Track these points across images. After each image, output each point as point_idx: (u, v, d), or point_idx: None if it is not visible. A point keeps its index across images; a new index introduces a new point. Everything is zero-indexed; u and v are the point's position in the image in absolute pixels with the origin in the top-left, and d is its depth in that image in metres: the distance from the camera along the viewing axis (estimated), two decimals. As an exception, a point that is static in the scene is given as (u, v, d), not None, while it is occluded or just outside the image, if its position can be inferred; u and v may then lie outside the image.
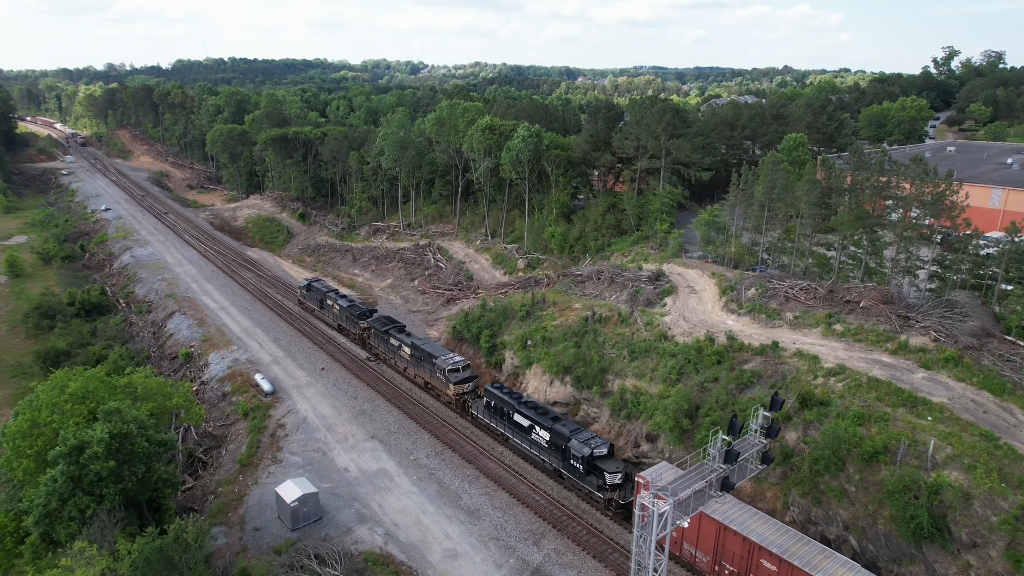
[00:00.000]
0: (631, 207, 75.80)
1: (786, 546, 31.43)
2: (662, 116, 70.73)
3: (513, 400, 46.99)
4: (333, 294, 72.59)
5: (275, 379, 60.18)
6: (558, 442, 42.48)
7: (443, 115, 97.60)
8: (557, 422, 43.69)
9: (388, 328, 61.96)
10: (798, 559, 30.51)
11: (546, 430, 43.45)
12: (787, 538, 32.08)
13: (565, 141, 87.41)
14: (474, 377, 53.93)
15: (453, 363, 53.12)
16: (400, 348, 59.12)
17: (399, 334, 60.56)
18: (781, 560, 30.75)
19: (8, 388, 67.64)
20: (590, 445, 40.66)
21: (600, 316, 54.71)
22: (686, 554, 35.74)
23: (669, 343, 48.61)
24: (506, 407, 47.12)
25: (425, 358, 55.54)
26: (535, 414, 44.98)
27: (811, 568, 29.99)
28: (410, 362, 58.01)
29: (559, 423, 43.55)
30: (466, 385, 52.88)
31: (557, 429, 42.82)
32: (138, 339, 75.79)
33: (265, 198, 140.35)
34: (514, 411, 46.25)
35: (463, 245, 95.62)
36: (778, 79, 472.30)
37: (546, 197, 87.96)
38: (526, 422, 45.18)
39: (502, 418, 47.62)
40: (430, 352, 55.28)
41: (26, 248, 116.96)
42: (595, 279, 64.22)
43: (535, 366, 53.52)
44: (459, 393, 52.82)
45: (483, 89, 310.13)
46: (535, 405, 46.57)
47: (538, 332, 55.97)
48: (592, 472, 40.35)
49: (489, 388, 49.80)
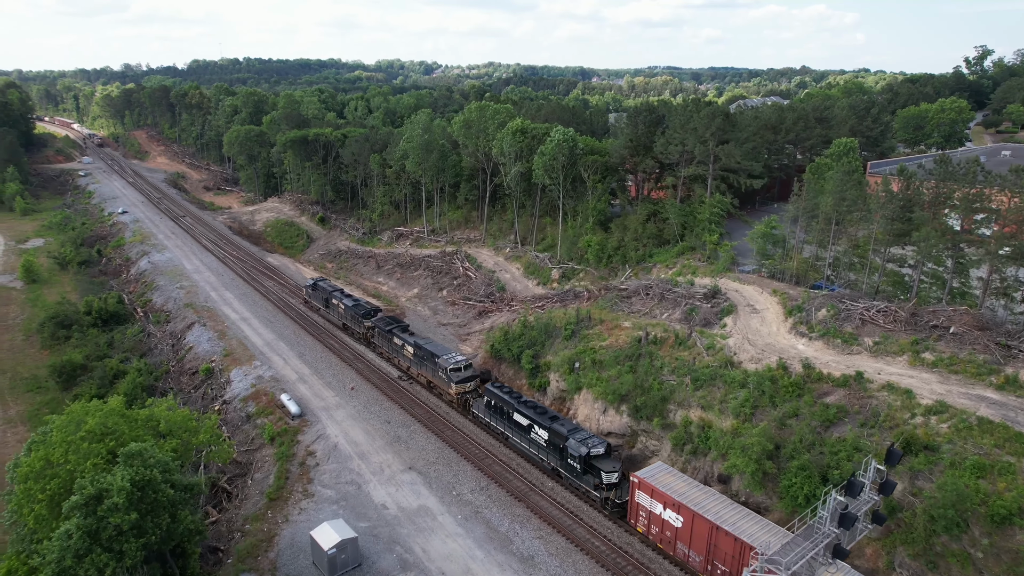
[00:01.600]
0: (675, 216, 71.47)
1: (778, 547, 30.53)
2: (711, 120, 66.29)
3: (513, 399, 47.35)
4: (338, 293, 73.27)
5: (302, 399, 56.47)
6: (556, 441, 42.86)
7: (471, 117, 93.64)
8: (555, 421, 44.05)
9: (392, 328, 62.35)
10: None
11: (544, 429, 43.85)
12: (779, 539, 31.48)
13: (601, 145, 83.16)
14: (475, 376, 54.45)
15: (455, 362, 53.64)
16: (403, 347, 59.57)
17: (402, 333, 60.91)
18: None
19: (23, 403, 64.47)
20: (587, 445, 41.11)
21: (654, 337, 50.46)
22: (680, 553, 36.04)
23: (736, 370, 44.30)
24: (506, 406, 47.56)
25: (428, 357, 56.09)
26: (534, 413, 45.37)
27: None
28: (413, 361, 58.57)
29: (557, 422, 43.83)
30: (467, 384, 53.47)
31: (555, 428, 43.16)
32: (156, 351, 72.44)
33: (284, 201, 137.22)
34: (514, 410, 46.70)
35: (491, 253, 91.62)
36: (796, 79, 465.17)
37: (580, 203, 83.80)
38: (525, 421, 45.57)
39: (502, 417, 48.09)
40: (432, 351, 55.87)
41: (43, 252, 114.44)
42: (643, 294, 59.97)
43: (585, 391, 49.38)
44: (461, 392, 53.35)
45: (499, 89, 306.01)
46: (534, 405, 46.83)
47: (586, 354, 51.81)
48: (589, 471, 40.85)
49: (489, 387, 50.36)
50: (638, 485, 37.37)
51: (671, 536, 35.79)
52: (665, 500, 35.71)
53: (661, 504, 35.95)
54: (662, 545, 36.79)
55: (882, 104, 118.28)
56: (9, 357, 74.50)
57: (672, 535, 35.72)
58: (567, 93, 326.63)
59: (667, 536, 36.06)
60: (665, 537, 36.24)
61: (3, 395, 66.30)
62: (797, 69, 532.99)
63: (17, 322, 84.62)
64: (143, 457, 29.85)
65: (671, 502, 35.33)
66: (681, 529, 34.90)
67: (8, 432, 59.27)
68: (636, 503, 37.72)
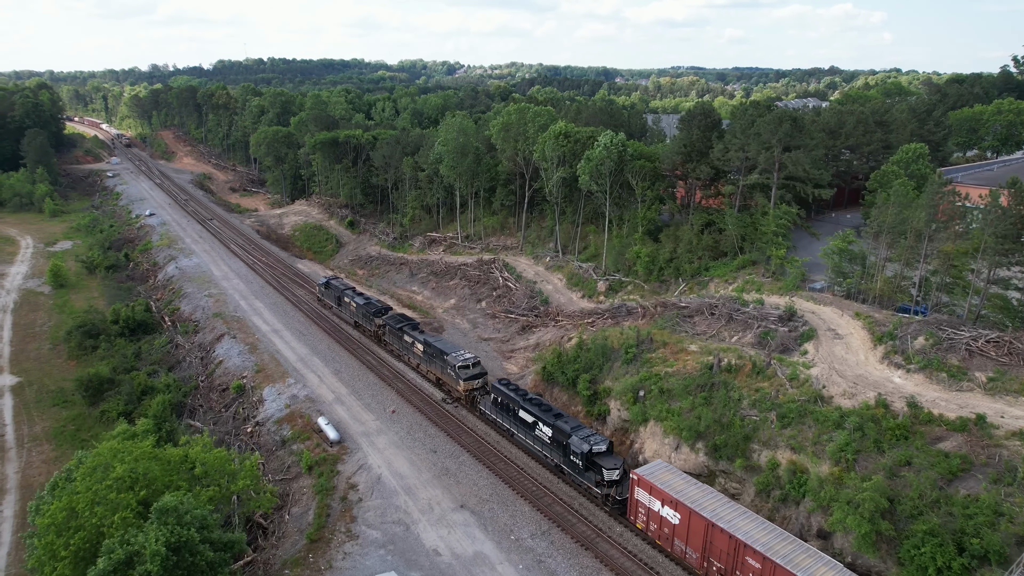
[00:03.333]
0: (734, 226, 66.60)
1: (770, 544, 31.78)
2: (778, 126, 61.35)
3: (519, 397, 47.91)
4: (350, 292, 74.47)
5: (340, 423, 52.71)
6: (559, 438, 43.32)
7: (510, 120, 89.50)
8: (559, 419, 44.58)
9: (402, 325, 63.28)
10: (781, 557, 30.71)
11: (548, 426, 44.32)
12: (772, 536, 32.48)
13: (651, 150, 78.55)
14: (484, 374, 55.00)
15: (463, 360, 54.41)
16: (413, 345, 60.42)
17: (412, 331, 61.69)
18: (765, 558, 31.03)
19: (48, 419, 61.64)
20: (589, 442, 41.43)
21: (728, 364, 45.81)
22: (677, 550, 36.19)
23: (828, 407, 39.51)
24: (512, 404, 47.97)
25: (437, 355, 56.74)
26: (539, 411, 45.88)
27: (793, 566, 30.10)
28: (423, 359, 59.23)
29: (561, 420, 44.42)
30: (476, 382, 54.05)
31: (559, 425, 43.65)
32: (185, 364, 69.33)
33: (312, 204, 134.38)
34: (519, 407, 47.12)
35: (531, 262, 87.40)
36: (826, 80, 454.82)
37: (627, 211, 79.25)
38: (530, 418, 46.06)
39: (508, 414, 48.64)
40: (441, 349, 56.53)
41: (71, 255, 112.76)
42: (707, 314, 55.32)
43: (653, 424, 44.88)
44: (469, 389, 53.87)
45: (524, 89, 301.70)
46: (539, 402, 47.24)
47: (651, 381, 47.31)
48: (591, 468, 41.26)
49: (496, 384, 50.85)
50: (638, 482, 37.75)
51: (669, 533, 36.22)
52: (663, 497, 36.12)
53: (659, 501, 36.42)
54: (660, 542, 37.21)
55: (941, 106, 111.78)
56: (36, 368, 71.98)
57: (670, 532, 36.13)
58: (592, 93, 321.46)
59: (665, 533, 36.47)
60: (663, 534, 36.69)
61: (29, 409, 63.61)
62: (825, 69, 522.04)
63: (44, 330, 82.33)
64: (179, 513, 26.12)
65: (669, 499, 35.73)
66: (678, 526, 35.32)
67: (33, 451, 56.39)
68: (636, 500, 38.22)
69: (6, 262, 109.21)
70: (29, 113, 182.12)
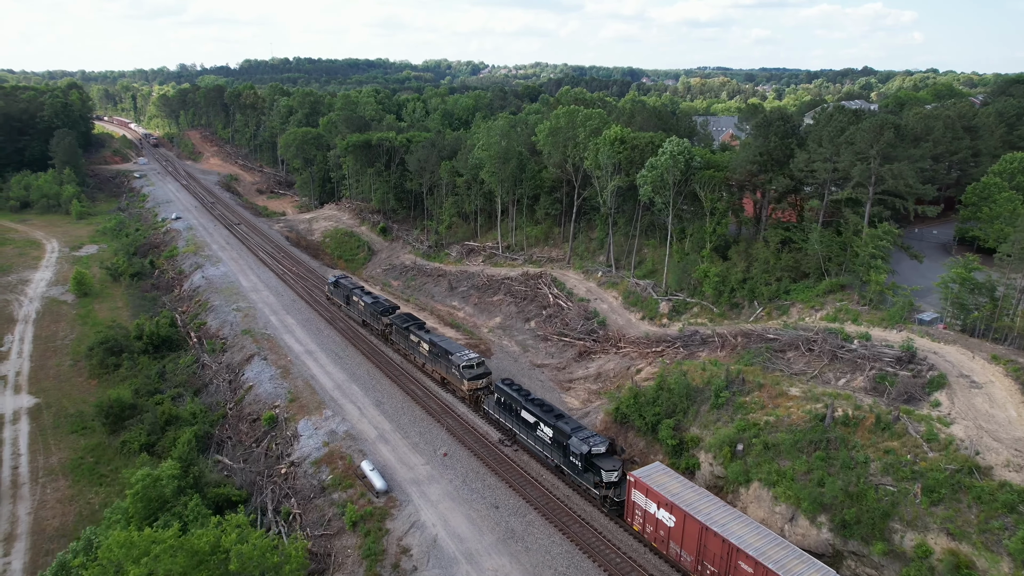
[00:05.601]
0: (820, 245, 59.44)
1: (763, 549, 31.34)
2: (878, 134, 54.02)
3: (521, 397, 47.99)
4: (359, 291, 74.73)
5: (386, 466, 46.70)
6: (560, 439, 43.53)
7: (559, 123, 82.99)
8: (560, 420, 44.75)
9: (408, 325, 63.43)
10: (773, 562, 30.38)
11: (549, 427, 44.48)
12: (765, 541, 32.01)
13: (719, 158, 71.54)
14: (488, 374, 55.23)
15: (468, 360, 54.89)
16: (419, 344, 60.78)
17: (418, 331, 61.91)
18: (757, 562, 30.69)
19: (65, 448, 56.57)
20: (589, 443, 41.49)
21: (844, 416, 38.87)
22: (672, 553, 36.03)
23: (989, 481, 32.43)
24: (514, 404, 48.09)
25: (442, 354, 57.17)
26: (540, 411, 46.00)
27: (785, 571, 29.72)
28: (428, 358, 59.60)
29: (562, 420, 44.56)
30: (479, 381, 54.31)
31: (559, 426, 43.81)
32: (212, 388, 63.96)
33: (342, 208, 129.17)
34: (521, 408, 47.26)
35: (580, 277, 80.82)
36: (861, 81, 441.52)
37: (690, 225, 72.36)
38: (532, 419, 46.20)
39: (510, 414, 48.73)
40: (447, 349, 57.08)
41: (95, 261, 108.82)
42: (803, 349, 48.29)
43: (758, 486, 38.10)
44: (473, 389, 54.14)
45: (552, 90, 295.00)
46: (541, 403, 47.43)
47: (750, 432, 40.54)
48: (590, 469, 41.30)
49: (499, 384, 51.03)
50: (634, 484, 37.60)
51: (664, 535, 36.12)
52: (659, 500, 35.97)
53: (655, 504, 36.23)
54: (656, 544, 36.94)
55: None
56: (55, 387, 67.25)
57: (665, 534, 36.03)
58: (621, 94, 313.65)
59: (660, 535, 36.36)
60: (659, 536, 36.54)
61: (46, 435, 58.69)
62: (859, 70, 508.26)
63: (66, 343, 77.81)
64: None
65: (664, 502, 35.60)
66: (673, 529, 35.29)
67: (48, 487, 51.24)
68: (632, 502, 37.98)
69: (31, 267, 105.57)
70: (58, 113, 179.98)
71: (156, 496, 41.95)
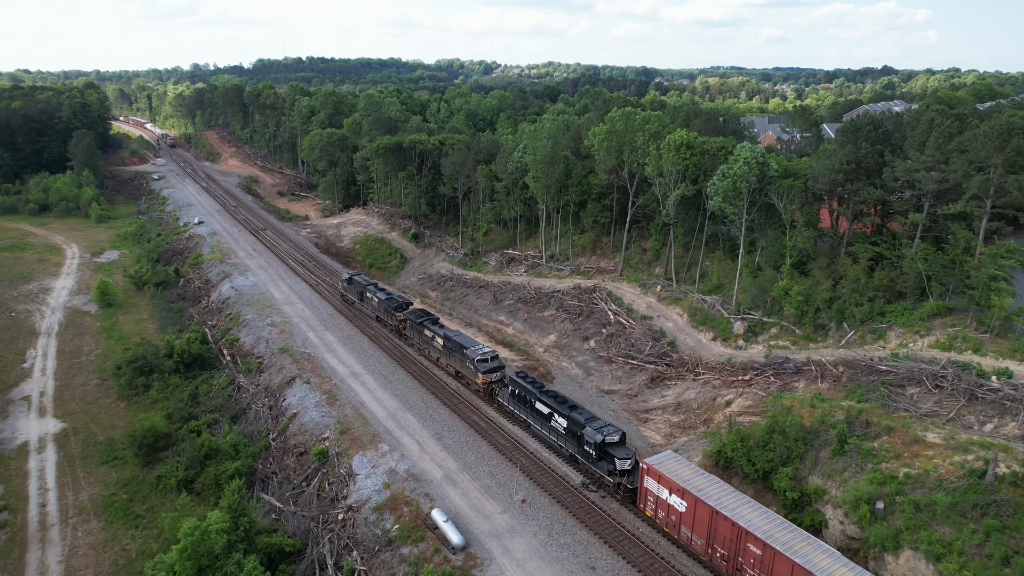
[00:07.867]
0: (923, 263, 53.78)
1: (771, 532, 32.33)
2: (1004, 141, 48.28)
3: (535, 389, 49.10)
4: (372, 287, 75.23)
5: (459, 515, 41.53)
6: (574, 429, 44.55)
7: (616, 127, 77.57)
8: (574, 410, 45.63)
9: (423, 320, 64.35)
10: (781, 544, 31.31)
11: (564, 417, 45.56)
12: (773, 524, 33.09)
13: (798, 166, 65.96)
14: (501, 367, 56.11)
15: (482, 354, 55.58)
16: (433, 339, 61.73)
17: (432, 326, 62.88)
18: (765, 544, 31.63)
19: (96, 482, 51.76)
20: (603, 432, 42.55)
21: (1013, 474, 33.31)
22: (683, 537, 36.84)
23: None
24: (529, 395, 49.19)
25: (456, 348, 57.94)
26: (554, 402, 46.88)
27: (791, 552, 30.69)
28: (442, 352, 60.49)
29: (576, 411, 45.50)
30: (494, 375, 55.19)
31: (573, 417, 44.80)
32: (250, 414, 59.03)
33: (370, 213, 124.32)
34: (536, 399, 48.31)
35: (637, 291, 75.43)
36: (882, 80, 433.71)
37: (763, 237, 66.86)
38: (546, 410, 47.20)
39: (525, 406, 49.80)
40: (461, 343, 57.75)
41: (118, 268, 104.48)
42: (928, 385, 42.73)
43: (911, 555, 32.56)
44: (487, 382, 55.01)
45: (571, 90, 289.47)
46: (555, 394, 48.22)
47: (890, 487, 35.06)
48: (604, 458, 42.24)
49: (514, 377, 51.90)
50: (647, 471, 38.58)
51: (676, 520, 37.07)
52: (671, 486, 36.93)
53: (667, 490, 37.22)
54: (668, 529, 37.97)
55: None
56: (82, 410, 62.59)
57: (676, 519, 36.99)
58: (640, 94, 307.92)
59: (672, 520, 37.32)
60: (670, 521, 37.50)
61: (75, 467, 53.96)
62: (878, 69, 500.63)
63: (91, 359, 73.24)
64: None
65: (676, 487, 36.57)
66: (684, 513, 36.21)
67: (79, 530, 46.43)
68: (645, 488, 38.95)
69: (52, 275, 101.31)
70: (77, 114, 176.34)
71: (205, 551, 37.10)
